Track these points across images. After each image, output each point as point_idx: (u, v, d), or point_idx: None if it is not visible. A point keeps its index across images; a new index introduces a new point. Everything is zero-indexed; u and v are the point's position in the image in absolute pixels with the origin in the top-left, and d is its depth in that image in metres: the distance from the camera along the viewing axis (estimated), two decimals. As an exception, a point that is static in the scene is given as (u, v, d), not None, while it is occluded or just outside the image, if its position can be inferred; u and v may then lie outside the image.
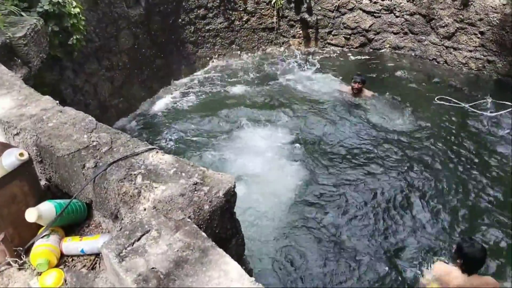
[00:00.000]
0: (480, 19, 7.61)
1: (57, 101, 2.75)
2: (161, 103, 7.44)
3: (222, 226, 2.05)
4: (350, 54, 9.05)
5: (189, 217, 1.84)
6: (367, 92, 7.19)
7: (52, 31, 4.95)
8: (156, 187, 2.03)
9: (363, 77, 7.10)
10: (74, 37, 5.21)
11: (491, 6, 7.40)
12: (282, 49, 9.38)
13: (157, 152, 2.28)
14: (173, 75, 8.26)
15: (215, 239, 2.02)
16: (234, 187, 2.07)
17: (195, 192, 1.98)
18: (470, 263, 3.58)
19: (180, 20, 8.08)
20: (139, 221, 1.81)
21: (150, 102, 7.53)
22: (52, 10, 4.87)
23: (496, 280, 3.72)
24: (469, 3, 7.61)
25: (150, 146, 2.30)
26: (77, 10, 5.16)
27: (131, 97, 7.37)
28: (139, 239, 1.72)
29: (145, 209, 2.00)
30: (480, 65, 7.97)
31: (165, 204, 1.91)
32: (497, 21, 7.42)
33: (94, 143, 2.35)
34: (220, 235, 2.05)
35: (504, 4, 7.25)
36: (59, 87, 5.61)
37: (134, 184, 2.06)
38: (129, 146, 2.32)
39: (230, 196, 2.05)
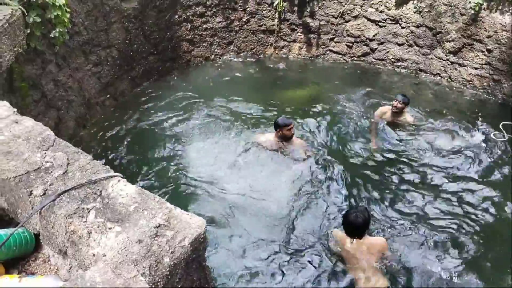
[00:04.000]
0: (489, 36, 7.30)
1: (15, 109, 2.40)
2: (152, 103, 7.06)
3: (186, 279, 1.71)
4: (351, 63, 8.74)
5: (143, 273, 1.51)
6: (408, 116, 6.47)
7: (34, 22, 4.59)
8: (110, 228, 1.69)
9: (407, 98, 6.35)
10: (57, 30, 4.85)
11: (501, 24, 7.09)
12: (282, 53, 9.06)
13: (119, 180, 1.95)
14: (166, 73, 7.91)
15: (177, 294, 1.70)
16: (205, 232, 1.74)
17: (156, 238, 1.65)
18: (347, 228, 3.92)
19: (176, 16, 7.72)
20: (80, 276, 1.47)
21: (139, 100, 7.13)
22: (35, 0, 4.53)
23: (383, 239, 4.10)
24: (478, 18, 7.30)
25: (112, 173, 1.97)
26: (62, 1, 4.79)
27: (119, 94, 7.01)
28: (76, 302, 1.39)
29: (94, 255, 1.67)
30: (485, 84, 7.67)
31: (117, 254, 1.58)
32: (506, 40, 7.11)
33: (47, 165, 2.01)
34: (183, 288, 1.72)
35: (514, 22, 6.96)
36: (40, 81, 5.25)
37: (85, 222, 1.73)
38: (87, 171, 1.98)
39: (199, 243, 1.72)
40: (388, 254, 3.98)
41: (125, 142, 5.98)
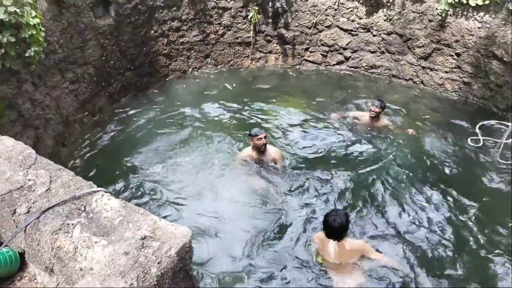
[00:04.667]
0: (456, 41, 7.59)
1: (-7, 129, 2.40)
2: (131, 118, 7.04)
3: (174, 288, 1.75)
4: (327, 72, 8.94)
5: (131, 284, 1.54)
6: (385, 120, 6.80)
7: (8, 41, 4.57)
8: (96, 242, 1.72)
9: (384, 103, 6.64)
10: (32, 49, 4.83)
11: (467, 29, 7.38)
12: (259, 64, 9.19)
13: (103, 195, 1.97)
14: (144, 88, 7.92)
15: (165, 303, 1.73)
16: (190, 242, 1.78)
17: (142, 249, 1.68)
18: (327, 230, 4.05)
19: (152, 32, 7.76)
20: (69, 290, 1.50)
21: (118, 116, 7.10)
22: (8, 20, 4.50)
23: (364, 243, 4.21)
24: (446, 24, 7.58)
25: (95, 188, 1.99)
26: (37, 20, 4.79)
27: (97, 110, 6.98)
28: (66, 315, 1.41)
29: (81, 269, 1.69)
30: (456, 87, 7.94)
31: (104, 267, 1.60)
32: (472, 44, 7.41)
33: (30, 183, 2.02)
34: (171, 298, 1.75)
35: (479, 27, 7.25)
36: (16, 101, 5.20)
37: (70, 237, 1.75)
38: (70, 187, 2.00)
39: (185, 253, 1.76)
40: (373, 257, 4.07)
41: (106, 158, 5.96)
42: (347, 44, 8.66)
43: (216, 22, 8.49)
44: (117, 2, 6.88)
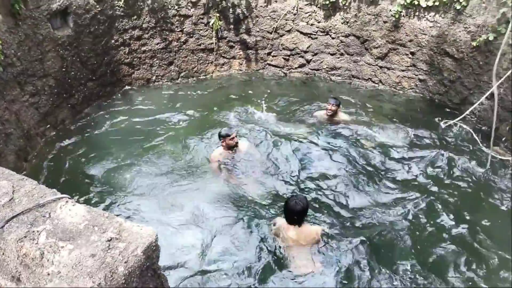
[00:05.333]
0: (410, 40, 7.93)
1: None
2: (94, 129, 6.96)
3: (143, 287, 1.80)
4: (290, 75, 9.14)
5: (99, 284, 1.59)
6: (344, 116, 7.05)
7: (-38, 56, 4.47)
8: (62, 247, 1.75)
9: (338, 100, 6.93)
10: (-12, 63, 4.74)
11: (419, 28, 7.73)
12: (223, 70, 9.27)
13: (67, 201, 2.00)
14: (107, 98, 7.85)
15: (134, 302, 1.78)
16: (156, 240, 1.84)
17: (109, 250, 1.73)
18: (289, 214, 4.13)
19: (113, 41, 7.72)
20: (37, 294, 1.53)
21: (81, 127, 7.00)
22: (-39, 33, 4.42)
23: (319, 227, 4.36)
24: (400, 25, 7.91)
25: (59, 195, 2.02)
26: (-8, 33, 4.71)
27: (59, 123, 6.87)
28: (34, 318, 1.44)
29: (49, 274, 1.71)
30: (412, 84, 8.29)
31: (71, 269, 1.64)
32: (425, 42, 7.76)
33: (-8, 194, 2.02)
34: (140, 297, 1.80)
35: (431, 27, 7.61)
36: (-27, 116, 5.09)
37: (36, 244, 1.77)
38: (34, 196, 2.02)
39: (152, 251, 1.81)
40: (320, 242, 4.28)
41: (70, 169, 5.89)
42: (307, 48, 8.87)
43: (178, 30, 8.52)
44: (75, 12, 6.82)
